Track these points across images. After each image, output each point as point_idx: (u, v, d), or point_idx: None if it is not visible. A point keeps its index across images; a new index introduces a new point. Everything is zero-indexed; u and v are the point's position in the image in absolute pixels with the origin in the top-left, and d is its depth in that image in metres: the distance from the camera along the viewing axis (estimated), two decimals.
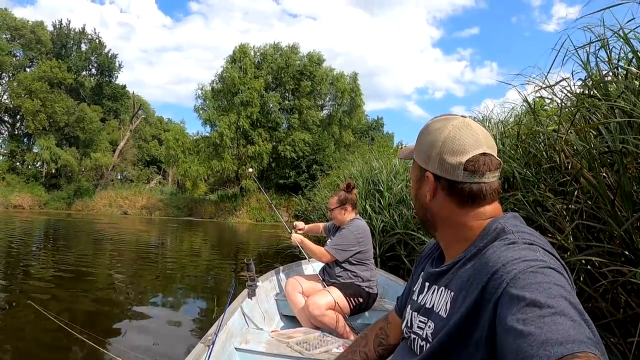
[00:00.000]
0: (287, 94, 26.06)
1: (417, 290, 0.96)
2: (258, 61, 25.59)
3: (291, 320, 3.04)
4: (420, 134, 0.93)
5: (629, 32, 2.10)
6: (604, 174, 1.88)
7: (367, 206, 6.06)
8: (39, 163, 30.36)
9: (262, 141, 23.78)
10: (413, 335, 0.91)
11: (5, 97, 30.78)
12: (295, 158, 23.95)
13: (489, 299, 0.68)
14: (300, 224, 3.46)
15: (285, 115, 25.61)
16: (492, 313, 0.67)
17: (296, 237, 3.13)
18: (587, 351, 0.53)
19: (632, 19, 2.11)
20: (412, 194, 1.01)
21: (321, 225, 3.45)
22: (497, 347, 0.64)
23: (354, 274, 2.85)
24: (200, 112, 24.39)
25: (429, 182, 0.88)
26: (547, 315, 0.58)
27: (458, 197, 0.85)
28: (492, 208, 0.86)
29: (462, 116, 0.90)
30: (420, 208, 0.94)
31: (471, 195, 0.84)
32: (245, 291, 2.59)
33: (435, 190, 0.88)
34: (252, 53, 25.44)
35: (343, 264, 2.87)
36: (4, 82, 31.04)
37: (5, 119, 32.03)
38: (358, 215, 3.07)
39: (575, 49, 2.35)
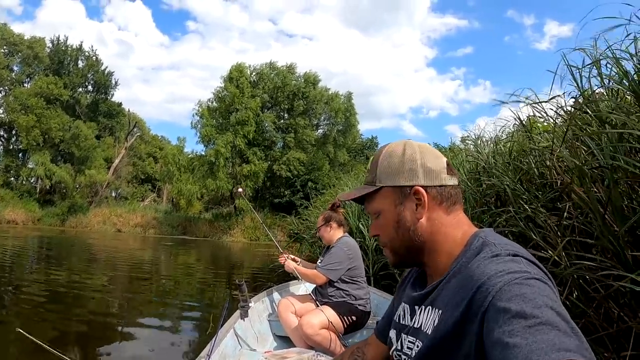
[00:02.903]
0: (283, 113, 26.23)
1: (403, 314, 0.94)
2: (254, 80, 25.75)
3: (284, 341, 2.99)
4: (379, 162, 0.89)
5: (624, 49, 2.14)
6: (595, 190, 1.90)
7: (360, 225, 6.03)
8: (33, 179, 30.12)
9: (258, 160, 23.78)
10: (403, 356, 0.89)
11: (1, 111, 30.69)
12: (290, 177, 23.92)
13: (475, 312, 0.68)
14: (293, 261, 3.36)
15: (280, 134, 25.68)
16: (479, 327, 0.66)
17: (290, 264, 3.10)
18: (575, 359, 0.52)
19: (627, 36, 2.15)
20: (384, 232, 0.90)
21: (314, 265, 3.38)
22: None
23: (347, 292, 2.83)
24: (199, 128, 24.31)
25: (420, 195, 0.84)
26: (533, 326, 0.57)
27: (446, 203, 0.85)
28: (464, 215, 0.88)
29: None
30: (404, 236, 0.87)
31: (455, 198, 0.86)
32: (238, 312, 2.56)
33: (427, 203, 0.84)
34: (248, 72, 25.59)
35: (335, 283, 2.85)
36: (0, 96, 30.99)
37: (1, 133, 31.87)
38: (347, 234, 3.08)
39: (569, 66, 2.39)
